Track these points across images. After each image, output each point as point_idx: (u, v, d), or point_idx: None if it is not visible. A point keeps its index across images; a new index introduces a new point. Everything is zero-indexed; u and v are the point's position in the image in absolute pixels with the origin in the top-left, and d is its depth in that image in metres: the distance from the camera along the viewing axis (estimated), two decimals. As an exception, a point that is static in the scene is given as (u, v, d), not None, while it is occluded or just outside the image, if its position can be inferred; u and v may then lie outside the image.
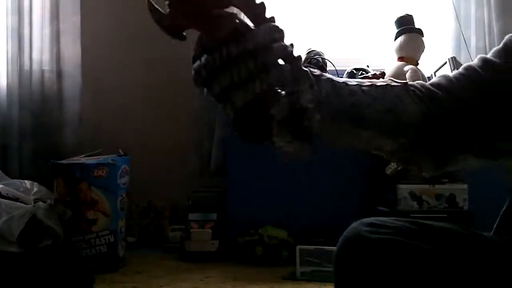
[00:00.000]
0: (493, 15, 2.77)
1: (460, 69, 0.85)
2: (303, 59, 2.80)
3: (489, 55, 0.86)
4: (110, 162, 2.31)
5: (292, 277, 2.14)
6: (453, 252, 0.74)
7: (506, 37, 0.86)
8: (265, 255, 2.36)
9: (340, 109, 0.75)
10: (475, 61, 0.86)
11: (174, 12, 0.65)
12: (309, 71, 0.72)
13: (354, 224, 0.77)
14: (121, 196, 2.34)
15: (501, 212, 0.89)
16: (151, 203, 2.88)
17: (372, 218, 0.80)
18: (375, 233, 0.74)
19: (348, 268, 0.76)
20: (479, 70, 0.84)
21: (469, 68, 0.85)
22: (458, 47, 2.88)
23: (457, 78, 0.84)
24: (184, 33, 0.67)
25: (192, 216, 2.51)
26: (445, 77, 0.85)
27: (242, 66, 0.65)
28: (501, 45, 0.86)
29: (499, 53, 0.85)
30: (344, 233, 0.77)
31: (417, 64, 2.78)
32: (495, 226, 0.89)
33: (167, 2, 0.65)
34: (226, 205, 2.54)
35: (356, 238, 0.75)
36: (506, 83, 0.82)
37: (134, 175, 2.48)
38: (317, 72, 0.74)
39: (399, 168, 2.21)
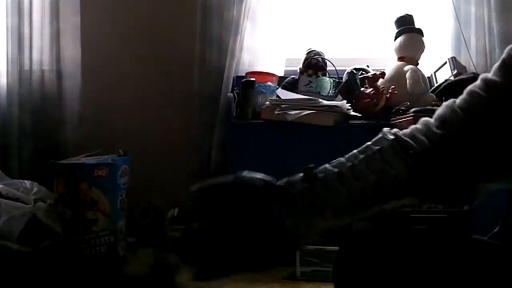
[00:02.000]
0: (493, 15, 2.76)
1: (464, 94, 0.83)
2: (303, 58, 2.80)
3: (490, 74, 0.83)
4: (110, 162, 2.31)
5: (292, 277, 2.14)
6: (446, 256, 0.74)
7: (505, 51, 0.83)
8: (265, 255, 2.35)
9: (339, 205, 0.76)
10: (478, 82, 0.83)
11: None
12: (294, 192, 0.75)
13: (350, 232, 0.78)
14: (121, 196, 2.34)
15: (499, 223, 0.88)
16: (151, 203, 2.88)
17: (369, 224, 0.81)
18: (368, 240, 0.75)
19: (344, 277, 0.77)
20: (481, 92, 0.81)
21: (472, 93, 0.82)
22: (458, 47, 2.88)
23: (461, 108, 0.81)
24: None
25: (192, 216, 2.51)
26: (451, 108, 0.82)
27: None
28: (499, 61, 0.83)
29: (498, 70, 0.82)
30: (341, 243, 0.78)
31: (417, 64, 2.78)
32: (493, 233, 0.88)
33: None
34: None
35: (349, 246, 0.76)
36: (505, 101, 0.79)
37: (134, 175, 2.48)
38: (310, 176, 0.77)
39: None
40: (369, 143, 0.81)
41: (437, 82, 2.84)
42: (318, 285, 2.03)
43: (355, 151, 0.80)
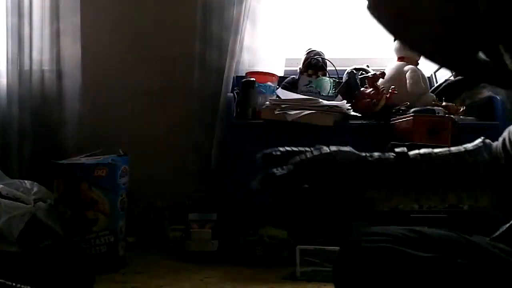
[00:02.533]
0: (493, 15, 2.76)
1: None
2: (304, 58, 2.80)
3: None
4: (110, 162, 2.31)
5: (292, 277, 2.14)
6: (449, 261, 0.74)
7: None
8: (265, 255, 2.36)
9: (419, 190, 0.82)
10: None
11: None
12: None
13: (353, 233, 0.79)
14: (121, 196, 2.34)
15: (501, 225, 0.88)
16: (151, 203, 2.88)
17: (371, 226, 0.81)
18: (371, 242, 0.75)
19: (344, 277, 0.78)
20: None
21: None
22: (458, 47, 2.87)
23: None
24: None
25: (192, 216, 2.51)
26: (508, 133, 0.86)
27: None
28: None
29: None
30: (343, 242, 0.78)
31: (417, 64, 2.78)
32: (498, 232, 0.88)
33: None
34: (226, 205, 2.54)
35: (351, 247, 0.77)
36: None
37: (134, 175, 2.48)
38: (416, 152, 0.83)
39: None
40: (463, 149, 0.85)
41: (437, 82, 2.84)
42: (318, 285, 2.03)
43: (447, 150, 0.85)
